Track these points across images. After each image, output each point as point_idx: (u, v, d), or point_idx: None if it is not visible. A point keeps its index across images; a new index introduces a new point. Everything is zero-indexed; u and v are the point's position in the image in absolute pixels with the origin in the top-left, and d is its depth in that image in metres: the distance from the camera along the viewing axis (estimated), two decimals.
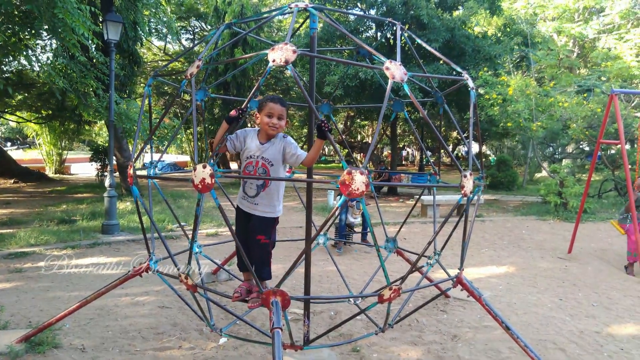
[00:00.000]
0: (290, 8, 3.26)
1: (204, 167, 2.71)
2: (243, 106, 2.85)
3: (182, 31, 22.92)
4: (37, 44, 8.67)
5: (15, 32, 6.75)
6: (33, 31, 6.86)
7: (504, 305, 5.30)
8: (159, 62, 26.31)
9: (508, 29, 13.80)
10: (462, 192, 3.02)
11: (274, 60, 2.68)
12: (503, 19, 14.04)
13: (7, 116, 20.37)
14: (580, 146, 14.88)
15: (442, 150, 25.99)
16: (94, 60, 8.96)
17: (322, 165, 37.34)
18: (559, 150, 14.84)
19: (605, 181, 13.93)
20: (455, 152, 47.11)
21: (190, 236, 3.72)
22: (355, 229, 8.27)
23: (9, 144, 40.81)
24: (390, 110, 5.11)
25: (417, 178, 17.48)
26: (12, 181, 17.85)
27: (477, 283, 6.02)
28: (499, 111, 12.09)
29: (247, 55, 2.93)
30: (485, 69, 12.47)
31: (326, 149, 46.24)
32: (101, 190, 16.22)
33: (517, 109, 11.38)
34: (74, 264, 6.62)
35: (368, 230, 8.22)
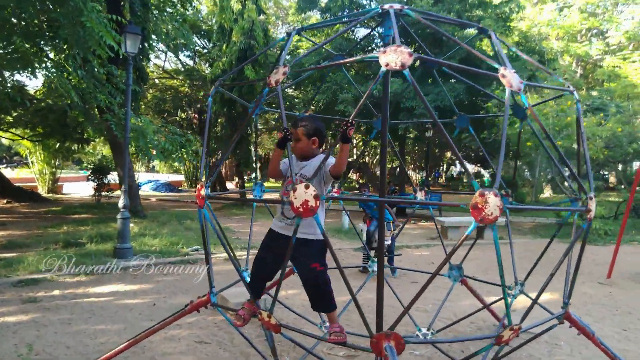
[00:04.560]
0: (383, 9, 2.90)
1: (307, 187, 2.31)
2: (351, 118, 2.45)
3: (183, 48, 22.59)
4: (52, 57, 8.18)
5: (36, 42, 6.31)
6: (56, 41, 6.40)
7: (568, 337, 4.89)
8: (156, 80, 26.01)
9: (521, 47, 13.71)
10: (588, 216, 2.65)
11: (387, 64, 2.32)
12: (517, 37, 13.98)
13: (0, 133, 19.74)
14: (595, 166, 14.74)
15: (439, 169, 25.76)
16: (108, 74, 8.54)
17: None
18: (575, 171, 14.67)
19: (623, 202, 13.73)
20: (449, 172, 47.10)
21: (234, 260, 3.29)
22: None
23: None
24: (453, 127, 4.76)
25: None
26: (4, 201, 17.16)
27: (534, 315, 5.60)
28: (516, 131, 11.85)
29: (352, 59, 2.55)
30: (501, 87, 12.27)
31: None
32: (99, 211, 15.68)
33: (537, 129, 11.10)
34: (91, 292, 6.10)
35: (394, 254, 7.84)
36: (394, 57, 2.30)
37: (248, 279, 3.99)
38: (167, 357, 4.21)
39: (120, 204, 7.91)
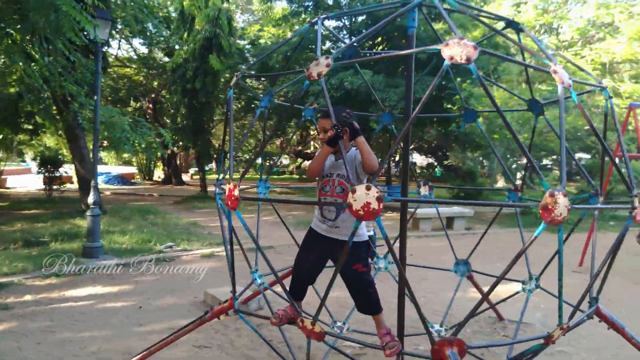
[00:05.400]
0: None
1: (368, 189, 2.16)
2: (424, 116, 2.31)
3: (138, 35, 21.57)
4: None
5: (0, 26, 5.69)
6: (23, 25, 5.79)
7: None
8: (108, 68, 24.73)
9: (485, 43, 14.00)
10: (634, 214, 2.66)
11: (451, 58, 2.20)
12: (478, 32, 14.25)
13: None
14: (554, 157, 15.35)
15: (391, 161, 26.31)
16: (75, 62, 7.93)
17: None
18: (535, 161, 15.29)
19: (581, 192, 14.44)
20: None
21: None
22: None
23: None
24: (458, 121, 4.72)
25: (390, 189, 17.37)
26: None
27: (518, 305, 5.67)
28: (483, 123, 12.13)
29: (411, 50, 2.40)
30: (468, 81, 12.49)
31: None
32: (51, 206, 14.76)
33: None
34: (68, 296, 5.67)
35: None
36: (458, 50, 2.18)
37: (258, 280, 3.80)
38: None
39: (90, 199, 7.42)
